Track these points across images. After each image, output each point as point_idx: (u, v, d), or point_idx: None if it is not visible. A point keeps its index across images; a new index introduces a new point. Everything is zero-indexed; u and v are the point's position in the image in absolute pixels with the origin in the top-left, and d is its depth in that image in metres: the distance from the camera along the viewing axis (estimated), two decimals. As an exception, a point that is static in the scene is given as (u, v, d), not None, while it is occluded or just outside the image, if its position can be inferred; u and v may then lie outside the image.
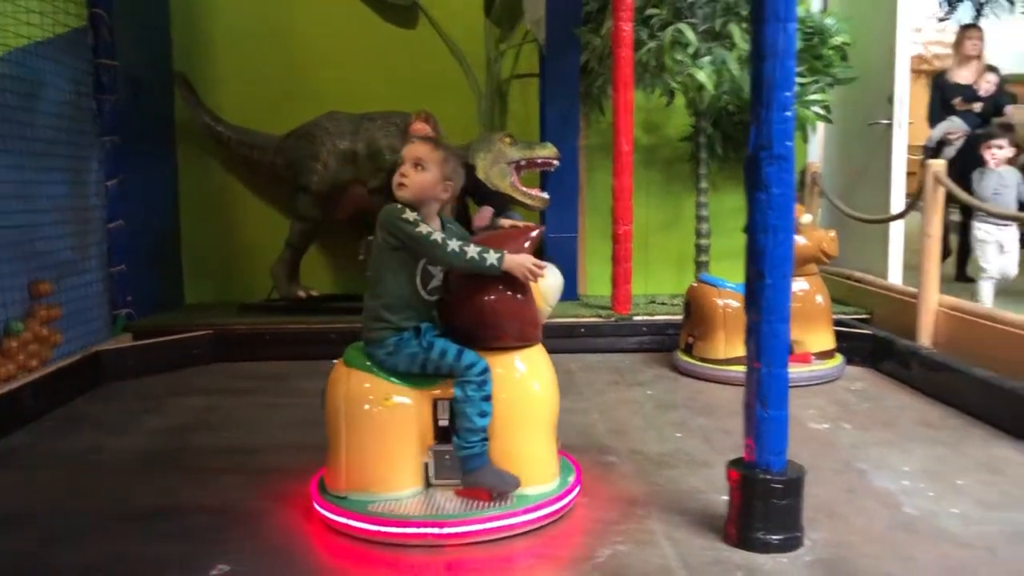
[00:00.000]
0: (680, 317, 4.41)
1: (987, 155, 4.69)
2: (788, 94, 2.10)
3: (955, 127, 5.64)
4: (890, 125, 4.92)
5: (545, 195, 5.05)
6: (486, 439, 2.38)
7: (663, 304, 5.12)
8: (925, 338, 4.05)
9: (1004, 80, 5.84)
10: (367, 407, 2.40)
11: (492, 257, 2.33)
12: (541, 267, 2.39)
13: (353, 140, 5.04)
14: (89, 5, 4.46)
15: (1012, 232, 4.63)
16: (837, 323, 4.30)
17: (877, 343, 4.26)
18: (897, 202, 4.89)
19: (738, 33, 4.54)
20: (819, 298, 4.13)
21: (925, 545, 2.23)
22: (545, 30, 5.07)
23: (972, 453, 2.98)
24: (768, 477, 2.18)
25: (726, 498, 2.28)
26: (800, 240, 4.02)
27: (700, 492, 2.62)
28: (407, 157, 2.42)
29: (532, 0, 5.13)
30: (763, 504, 2.18)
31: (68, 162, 4.22)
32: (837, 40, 4.87)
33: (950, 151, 5.60)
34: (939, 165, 4.09)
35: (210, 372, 4.41)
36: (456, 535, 2.28)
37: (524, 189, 4.99)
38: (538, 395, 2.48)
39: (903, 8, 4.84)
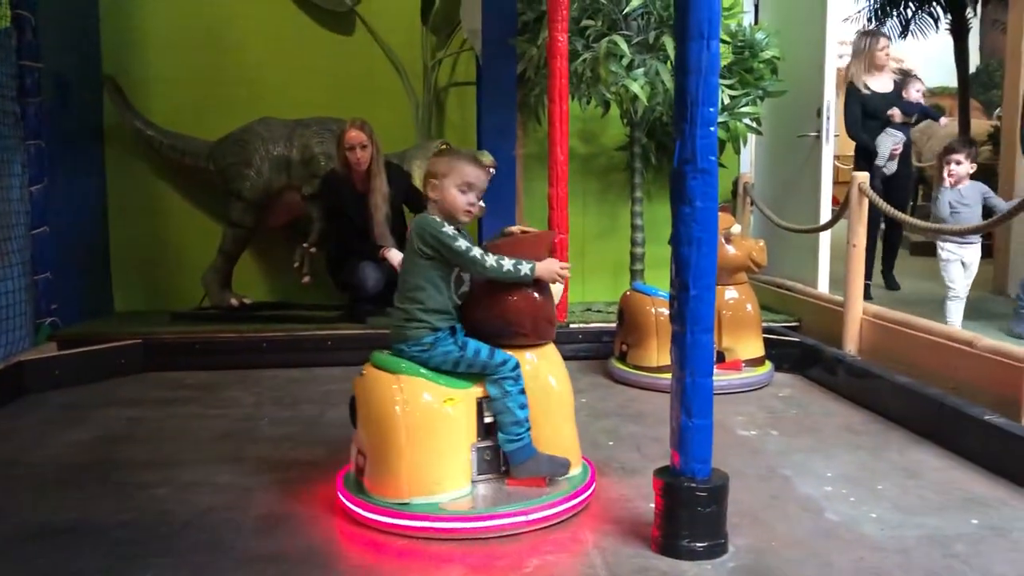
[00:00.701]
0: (615, 324, 4.45)
1: (944, 171, 4.56)
2: (712, 110, 2.14)
3: (899, 140, 5.60)
4: (818, 137, 5.05)
5: (481, 203, 5.05)
6: (529, 428, 2.52)
7: (599, 312, 5.17)
8: (850, 345, 4.16)
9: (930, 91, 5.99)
10: (428, 411, 2.45)
11: (525, 267, 2.50)
12: (567, 268, 2.60)
13: (287, 146, 5.01)
14: (12, 6, 4.34)
15: (975, 250, 4.53)
16: (766, 331, 4.40)
17: (805, 350, 4.36)
18: (825, 212, 5.01)
19: (671, 45, 4.61)
20: (749, 306, 4.22)
21: (843, 550, 2.29)
22: (482, 39, 5.09)
23: (892, 458, 3.07)
24: (693, 485, 2.21)
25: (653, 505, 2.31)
26: (730, 250, 4.12)
27: (629, 500, 2.65)
28: (480, 187, 2.58)
29: (469, 9, 5.14)
30: (688, 512, 2.21)
31: (-11, 166, 4.11)
32: (767, 54, 4.98)
33: (892, 165, 5.61)
34: (863, 177, 4.21)
35: (138, 382, 4.31)
36: (539, 520, 2.42)
37: (461, 197, 5.00)
38: (561, 386, 2.66)
39: (831, 23, 4.97)
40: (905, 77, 5.85)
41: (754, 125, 5.16)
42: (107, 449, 3.22)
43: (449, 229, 2.48)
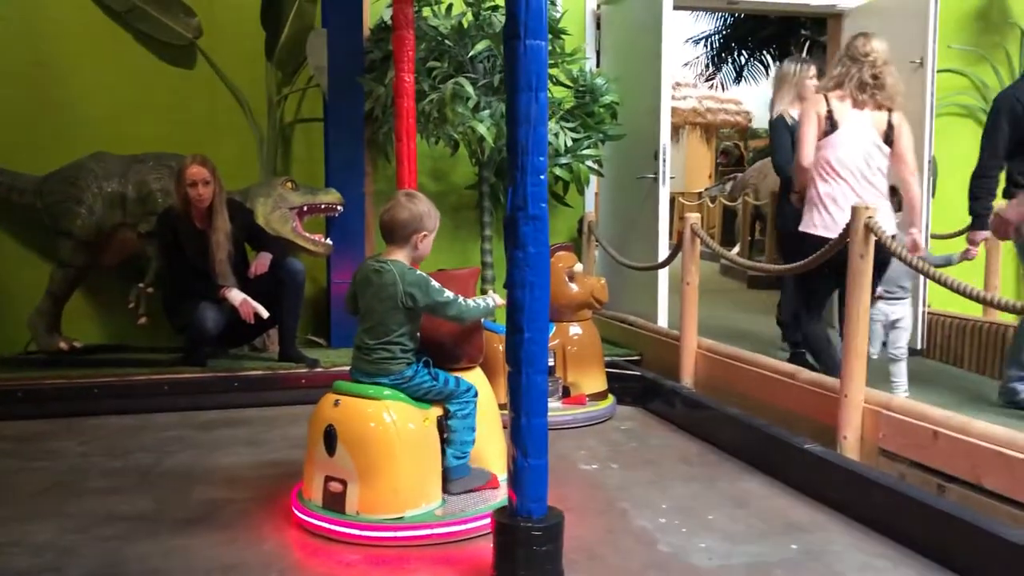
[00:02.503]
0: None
1: None
2: (541, 159, 2.21)
3: None
4: (656, 179, 5.28)
5: (329, 242, 5.03)
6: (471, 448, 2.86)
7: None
8: (687, 378, 4.34)
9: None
10: (416, 430, 2.73)
11: (492, 302, 2.89)
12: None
13: (122, 182, 4.81)
14: None
15: (904, 307, 4.13)
16: (609, 365, 4.53)
17: (646, 384, 4.52)
18: (663, 250, 5.22)
19: (515, 88, 4.72)
20: (592, 342, 4.34)
21: (673, 580, 2.38)
22: (328, 77, 5.06)
23: (723, 488, 3.22)
24: (529, 524, 2.25)
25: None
26: (573, 288, 4.24)
27: (469, 540, 2.66)
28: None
29: (314, 46, 5.11)
30: (525, 551, 2.25)
31: None
32: (607, 99, 5.18)
33: None
34: (695, 218, 4.43)
35: (-48, 434, 4.00)
36: None
37: (307, 235, 4.95)
38: (493, 401, 3.04)
39: (666, 72, 5.22)
40: None
41: (596, 167, 5.34)
42: (-90, 511, 2.97)
43: (436, 284, 2.75)
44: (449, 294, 2.77)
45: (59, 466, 3.48)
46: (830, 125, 3.86)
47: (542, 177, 2.23)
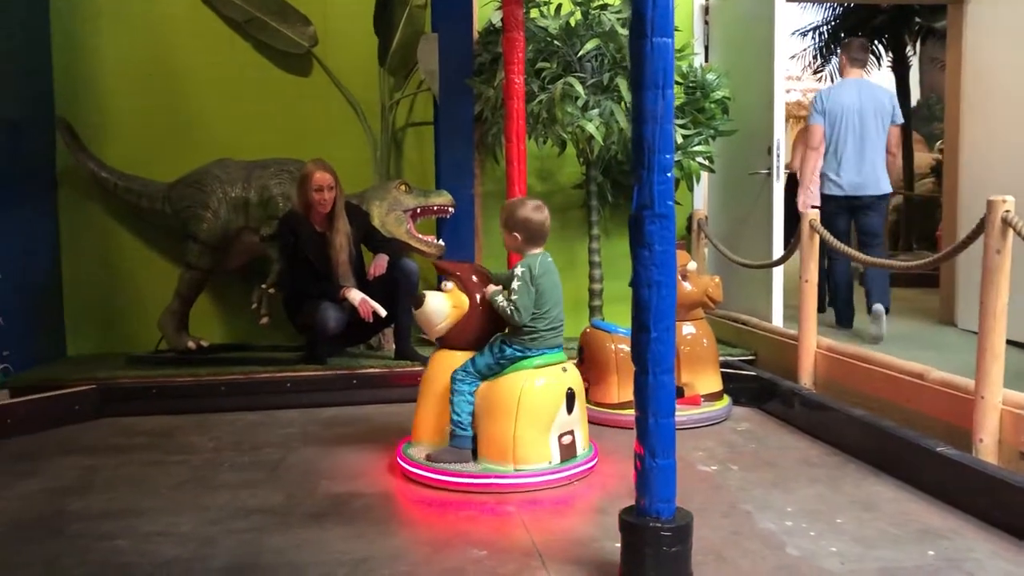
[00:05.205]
0: (575, 362, 4.47)
1: None
2: (668, 156, 2.20)
3: None
4: (769, 174, 5.17)
5: (441, 242, 5.10)
6: None
7: (559, 348, 5.20)
8: (805, 379, 4.24)
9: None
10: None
11: None
12: None
13: (245, 188, 5.00)
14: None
15: None
16: (724, 365, 4.46)
17: (762, 384, 4.43)
18: (778, 248, 5.11)
19: (624, 86, 4.71)
20: (706, 341, 4.27)
21: (806, 585, 2.33)
22: (439, 80, 5.14)
23: (849, 491, 3.13)
24: (658, 525, 2.24)
25: (620, 545, 2.33)
26: (687, 286, 4.18)
27: (595, 540, 2.66)
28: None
29: (425, 51, 5.20)
30: (653, 551, 2.24)
31: (-61, 212, 4.05)
32: (718, 94, 5.11)
33: None
34: (814, 214, 4.32)
35: (94, 429, 4.23)
36: None
37: (420, 236, 5.04)
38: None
39: (779, 63, 5.11)
40: None
41: (707, 163, 5.27)
42: (62, 500, 3.15)
43: None
44: None
45: (193, 460, 3.64)
46: None
47: (668, 175, 2.21)
